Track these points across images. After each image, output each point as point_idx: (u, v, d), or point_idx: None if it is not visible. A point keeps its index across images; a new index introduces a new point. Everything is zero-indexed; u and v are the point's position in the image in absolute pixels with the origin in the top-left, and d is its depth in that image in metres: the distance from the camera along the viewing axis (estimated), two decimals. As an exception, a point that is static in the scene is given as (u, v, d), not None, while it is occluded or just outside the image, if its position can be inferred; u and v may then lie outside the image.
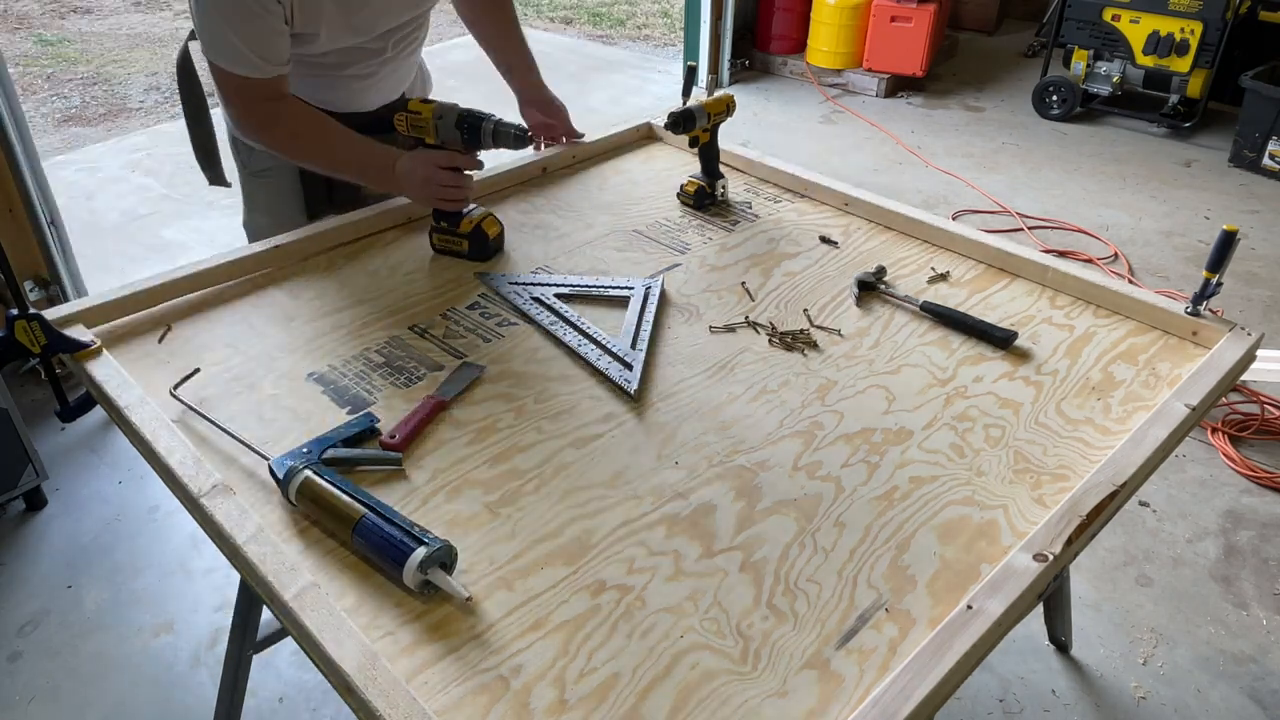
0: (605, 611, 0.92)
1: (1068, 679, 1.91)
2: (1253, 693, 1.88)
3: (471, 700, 0.84)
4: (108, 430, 2.58)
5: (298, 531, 1.00)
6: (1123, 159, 4.27)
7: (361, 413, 1.17)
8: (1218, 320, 1.33)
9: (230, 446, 1.11)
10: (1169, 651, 1.96)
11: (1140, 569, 2.16)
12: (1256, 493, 2.38)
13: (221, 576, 2.13)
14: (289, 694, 1.89)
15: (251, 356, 1.28)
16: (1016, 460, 1.12)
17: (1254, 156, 4.10)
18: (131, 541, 2.24)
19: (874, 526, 1.03)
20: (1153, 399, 1.22)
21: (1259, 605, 2.07)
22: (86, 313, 1.31)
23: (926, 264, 1.54)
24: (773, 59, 5.30)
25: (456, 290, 1.45)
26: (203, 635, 2.01)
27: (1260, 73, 4.02)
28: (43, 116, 5.02)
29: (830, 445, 1.14)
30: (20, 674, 1.92)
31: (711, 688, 0.85)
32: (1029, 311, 1.41)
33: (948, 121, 4.68)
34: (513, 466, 1.10)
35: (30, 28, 6.47)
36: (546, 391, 1.23)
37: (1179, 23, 4.18)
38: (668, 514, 1.04)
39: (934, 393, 1.24)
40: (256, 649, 1.52)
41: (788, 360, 1.30)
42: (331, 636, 0.86)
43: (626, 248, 1.57)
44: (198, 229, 3.69)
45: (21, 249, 2.54)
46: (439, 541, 0.92)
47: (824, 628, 0.91)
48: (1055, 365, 1.29)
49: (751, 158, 1.83)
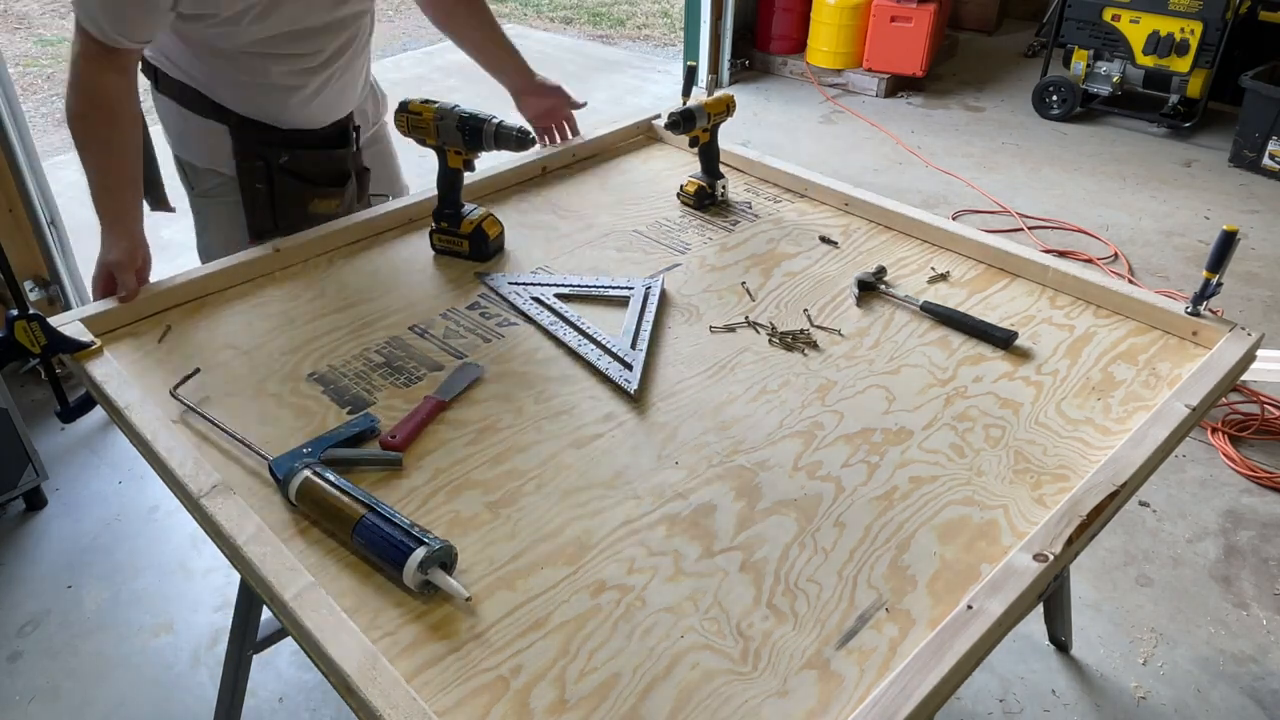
0: (605, 611, 0.92)
1: (1068, 679, 1.91)
2: (1253, 693, 1.88)
3: (472, 700, 0.84)
4: (108, 430, 2.58)
5: (298, 531, 1.00)
6: (1123, 159, 4.27)
7: (361, 413, 1.17)
8: (1218, 320, 1.33)
9: (230, 446, 1.11)
10: (1169, 651, 1.96)
11: (1140, 569, 2.16)
12: (1256, 493, 2.38)
13: (221, 576, 2.13)
14: (289, 694, 1.89)
15: (251, 356, 1.28)
16: (1016, 460, 1.12)
17: (1254, 156, 4.10)
18: (131, 541, 2.24)
19: (874, 526, 1.03)
20: (1153, 399, 1.22)
21: (1259, 605, 2.07)
22: (89, 320, 1.31)
23: (926, 264, 1.54)
24: (773, 59, 5.30)
25: (456, 290, 1.45)
26: (203, 635, 2.01)
27: (1260, 73, 4.02)
28: (43, 116, 5.02)
29: (830, 445, 1.14)
30: (20, 674, 1.92)
31: (712, 688, 0.85)
32: (1029, 311, 1.41)
33: (948, 121, 4.68)
34: (513, 466, 1.10)
35: (30, 28, 6.47)
36: (546, 391, 1.23)
37: (1179, 23, 4.18)
38: (668, 514, 1.04)
39: (934, 393, 1.24)
40: (256, 649, 1.52)
41: (788, 360, 1.30)
42: (331, 636, 0.86)
43: (626, 248, 1.57)
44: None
45: (21, 249, 2.54)
46: (439, 541, 0.92)
47: (824, 628, 0.91)
48: (1055, 365, 1.29)
49: (751, 158, 1.83)
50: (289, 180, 1.57)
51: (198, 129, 1.55)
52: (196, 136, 1.56)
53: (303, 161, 1.58)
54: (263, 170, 1.55)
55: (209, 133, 1.54)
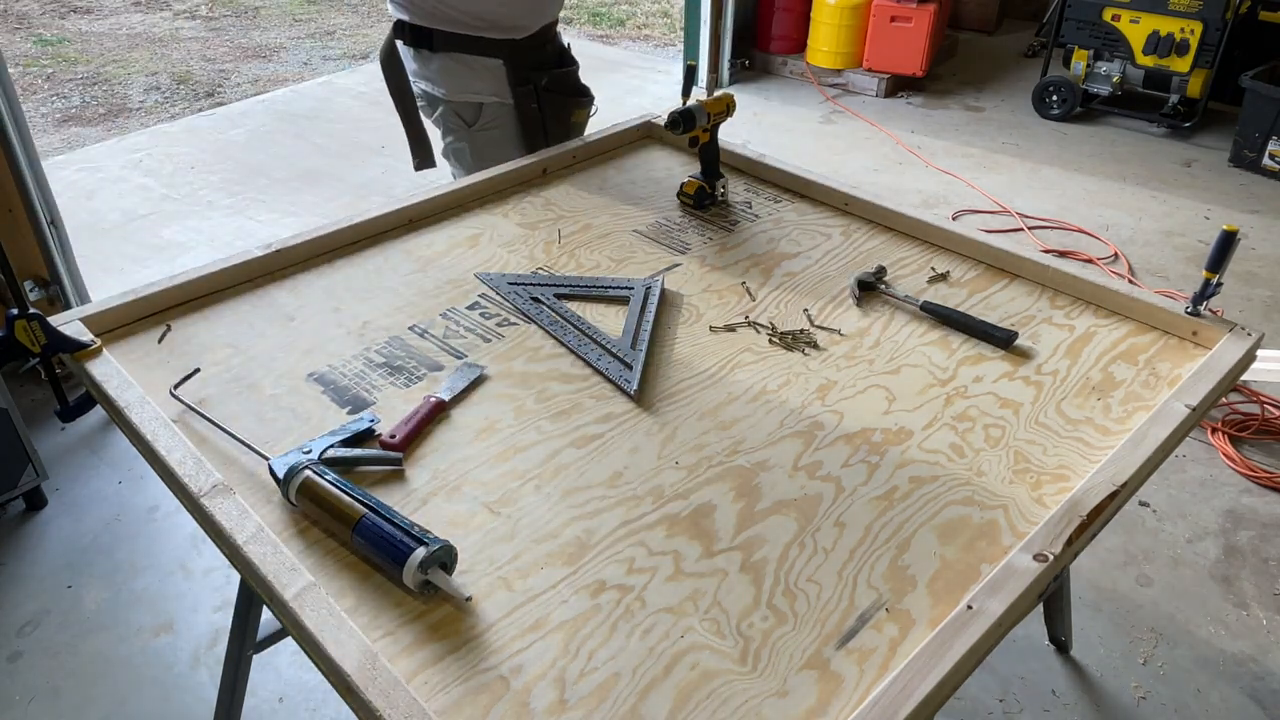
0: (605, 611, 0.92)
1: (1068, 679, 1.91)
2: (1253, 693, 1.88)
3: (471, 700, 0.84)
4: (108, 430, 2.58)
5: (298, 531, 1.00)
6: (1123, 159, 4.27)
7: (361, 413, 1.17)
8: (1218, 320, 1.33)
9: (230, 446, 1.11)
10: (1169, 651, 1.96)
11: (1140, 569, 2.16)
12: (1256, 493, 2.38)
13: (221, 576, 2.13)
14: (289, 694, 1.89)
15: (251, 356, 1.28)
16: (1016, 460, 1.12)
17: (1254, 156, 4.10)
18: (131, 541, 2.24)
19: (874, 526, 1.03)
20: (1153, 399, 1.22)
21: (1259, 605, 2.07)
22: (89, 320, 1.30)
23: (926, 264, 1.54)
24: (773, 59, 5.30)
25: (456, 290, 1.45)
26: (203, 635, 2.01)
27: (1260, 73, 4.02)
28: (43, 116, 5.02)
29: (830, 445, 1.14)
30: (20, 674, 1.92)
31: (711, 688, 0.85)
32: (1029, 311, 1.41)
33: (948, 121, 4.68)
34: (513, 466, 1.10)
35: (30, 28, 6.47)
36: (546, 391, 1.23)
37: (1179, 23, 4.18)
38: (668, 514, 1.04)
39: (934, 393, 1.24)
40: (256, 649, 1.52)
41: (788, 360, 1.30)
42: (331, 636, 0.86)
43: (626, 248, 1.57)
44: (198, 229, 3.69)
45: (21, 249, 2.54)
46: (439, 541, 0.92)
47: (824, 628, 0.91)
48: (1055, 365, 1.29)
49: (751, 158, 1.83)
50: (554, 97, 1.92)
51: (481, 68, 1.86)
52: (480, 75, 1.86)
53: (558, 79, 1.93)
54: (532, 93, 1.89)
55: (489, 69, 1.86)
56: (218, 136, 4.62)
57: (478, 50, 1.85)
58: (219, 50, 6.07)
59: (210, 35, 6.39)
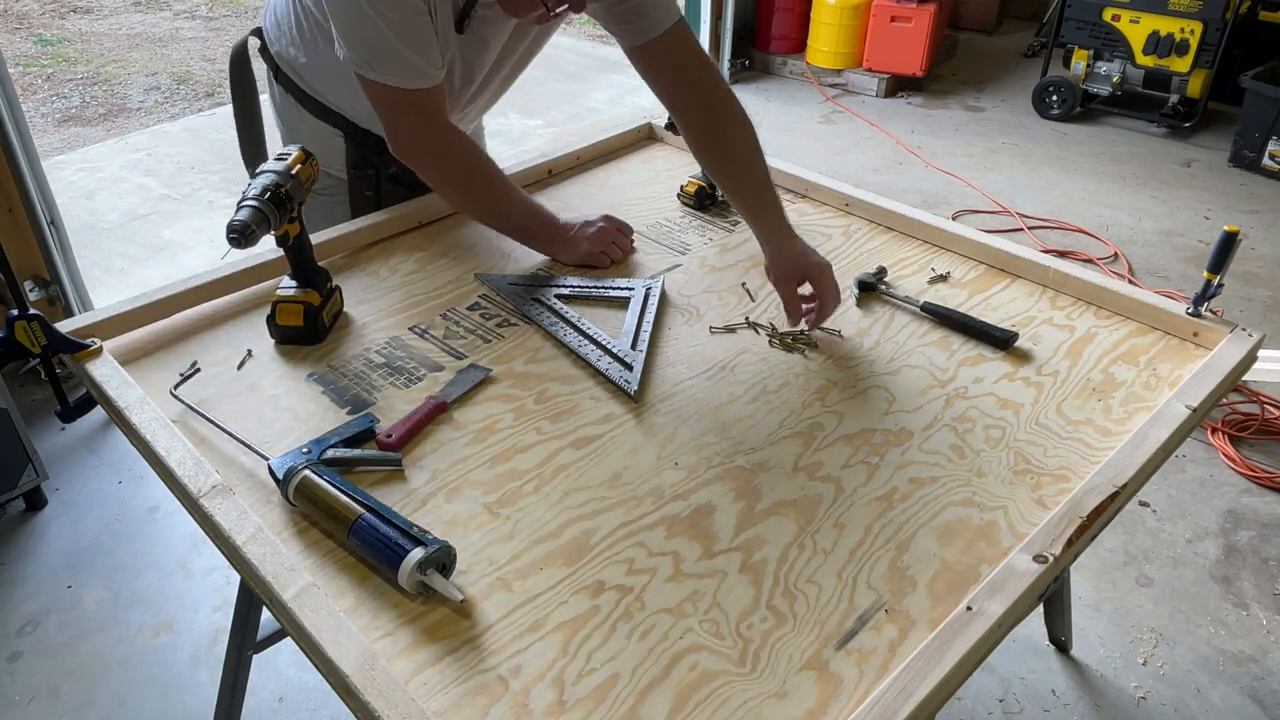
0: (604, 612, 0.92)
1: (1068, 679, 1.91)
2: (1253, 693, 1.88)
3: (470, 701, 0.84)
4: (108, 430, 2.58)
5: (297, 531, 1.00)
6: (1123, 159, 4.27)
7: (361, 413, 1.16)
8: (1218, 321, 1.33)
9: (230, 446, 1.11)
10: (1169, 651, 1.96)
11: (1140, 569, 2.16)
12: (1256, 493, 2.38)
13: (221, 576, 2.13)
14: (289, 694, 1.89)
15: (252, 356, 1.28)
16: (1017, 461, 1.12)
17: (1254, 156, 4.09)
18: (131, 541, 2.24)
19: (874, 527, 1.03)
20: (1153, 400, 1.22)
21: (1259, 605, 2.07)
22: (95, 327, 1.29)
23: (927, 264, 1.54)
24: (773, 59, 5.30)
25: (456, 290, 1.44)
26: (203, 635, 2.01)
27: (1260, 73, 4.02)
28: (43, 116, 5.02)
29: (830, 446, 1.14)
30: (20, 674, 1.92)
31: (710, 689, 0.85)
32: (1029, 312, 1.41)
33: (948, 121, 4.68)
34: (513, 467, 1.10)
35: (30, 28, 6.47)
36: (546, 392, 1.23)
37: (1179, 23, 4.17)
38: (667, 515, 1.04)
39: (934, 394, 1.24)
40: (256, 649, 1.52)
41: (788, 361, 1.30)
42: (330, 637, 0.86)
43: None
44: (198, 229, 3.69)
45: (21, 249, 2.54)
46: (437, 542, 0.92)
47: (823, 629, 0.91)
48: (1056, 366, 1.29)
49: (751, 158, 1.83)
50: (396, 190, 1.61)
51: (314, 131, 1.55)
52: (311, 138, 1.54)
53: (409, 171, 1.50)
54: (372, 178, 1.59)
55: (326, 135, 1.55)
56: (218, 136, 4.62)
57: (318, 114, 1.55)
58: (219, 50, 6.07)
59: (210, 35, 6.39)
